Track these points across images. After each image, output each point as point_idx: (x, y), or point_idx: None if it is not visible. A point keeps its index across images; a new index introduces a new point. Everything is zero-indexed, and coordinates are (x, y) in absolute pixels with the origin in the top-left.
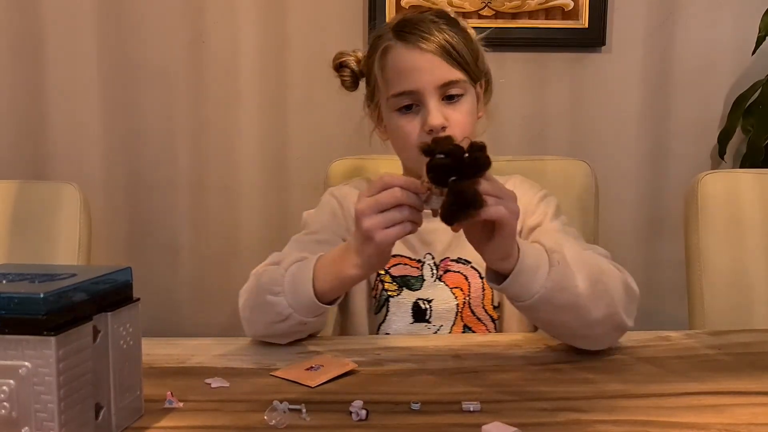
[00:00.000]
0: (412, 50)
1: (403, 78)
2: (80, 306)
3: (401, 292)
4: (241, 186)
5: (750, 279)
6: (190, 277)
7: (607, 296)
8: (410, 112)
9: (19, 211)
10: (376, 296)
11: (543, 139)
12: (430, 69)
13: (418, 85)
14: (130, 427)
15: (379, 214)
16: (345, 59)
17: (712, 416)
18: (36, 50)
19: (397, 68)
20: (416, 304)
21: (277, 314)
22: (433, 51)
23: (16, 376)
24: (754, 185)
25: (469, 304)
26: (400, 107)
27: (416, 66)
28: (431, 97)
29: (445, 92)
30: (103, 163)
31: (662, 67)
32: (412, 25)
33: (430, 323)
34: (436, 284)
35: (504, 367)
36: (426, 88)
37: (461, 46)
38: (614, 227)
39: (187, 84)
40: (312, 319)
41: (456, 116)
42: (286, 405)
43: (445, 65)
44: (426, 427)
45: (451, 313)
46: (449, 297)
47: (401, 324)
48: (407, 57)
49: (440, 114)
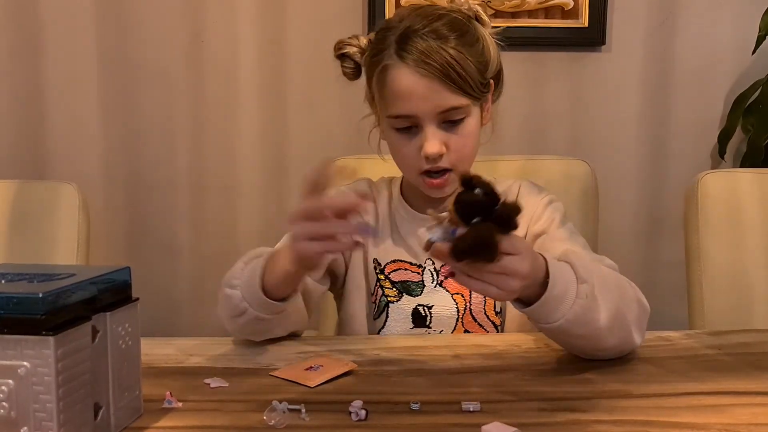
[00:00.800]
0: (412, 74)
1: (401, 102)
2: (79, 306)
3: (401, 298)
4: (240, 186)
5: (750, 279)
6: (189, 277)
7: (625, 328)
8: (409, 133)
9: (18, 210)
10: (376, 301)
11: (542, 139)
12: (429, 95)
13: (415, 111)
14: (129, 426)
15: (308, 222)
16: (346, 50)
17: (712, 416)
18: (35, 50)
19: (396, 90)
20: (416, 310)
21: (234, 307)
22: (434, 75)
23: (15, 375)
24: (754, 185)
25: (470, 311)
26: (398, 128)
27: (414, 91)
28: (429, 124)
29: (445, 117)
30: (102, 162)
31: (662, 67)
32: (414, 43)
33: (430, 329)
34: (436, 290)
35: (504, 367)
36: (425, 114)
37: (466, 65)
38: (614, 227)
39: (187, 84)
40: (268, 316)
41: (456, 140)
42: (286, 405)
43: (446, 91)
44: (426, 427)
45: (451, 320)
46: (450, 303)
47: (401, 330)
48: (406, 81)
49: (437, 142)
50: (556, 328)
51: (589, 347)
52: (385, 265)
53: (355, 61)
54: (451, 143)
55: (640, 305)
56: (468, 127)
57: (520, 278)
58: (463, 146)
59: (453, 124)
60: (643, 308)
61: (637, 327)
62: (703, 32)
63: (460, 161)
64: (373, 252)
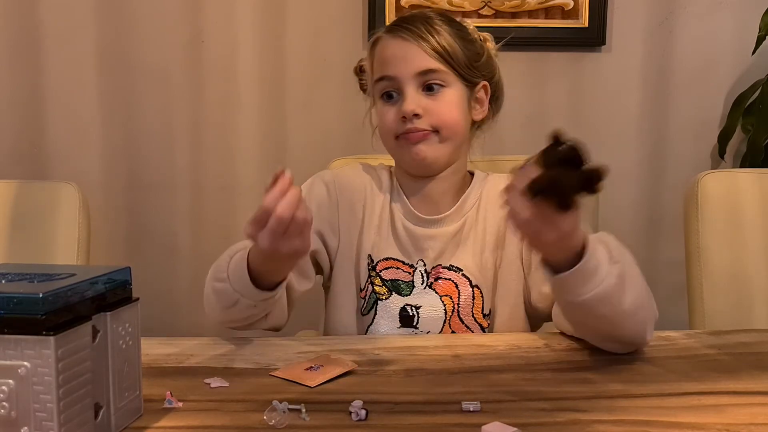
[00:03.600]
0: (394, 39)
1: (385, 65)
2: (79, 306)
3: (390, 296)
4: (239, 186)
5: (750, 279)
6: (189, 277)
7: (643, 320)
8: (392, 100)
9: (18, 211)
10: (365, 297)
11: (542, 139)
12: (409, 57)
13: (395, 72)
14: (130, 426)
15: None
16: (365, 64)
17: (712, 416)
18: (35, 50)
19: (381, 56)
20: (404, 309)
21: (227, 299)
22: (413, 41)
23: (16, 376)
24: (754, 185)
25: (458, 313)
26: (382, 94)
27: (395, 54)
28: (408, 85)
29: (424, 81)
30: (102, 163)
31: (662, 67)
32: (404, 20)
33: (417, 329)
34: (425, 291)
35: (504, 367)
36: (404, 75)
37: (449, 40)
38: (614, 227)
39: (186, 84)
40: (261, 301)
41: (433, 105)
42: (286, 405)
43: (423, 54)
44: (426, 427)
45: (438, 321)
46: (438, 305)
47: (388, 328)
48: (390, 45)
49: (414, 101)
50: (582, 302)
51: (606, 331)
52: (377, 262)
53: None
54: (430, 107)
55: (652, 306)
56: (447, 95)
57: (558, 233)
58: (442, 112)
59: (432, 90)
60: (654, 310)
61: (651, 324)
62: (703, 32)
63: (441, 125)
64: (368, 247)
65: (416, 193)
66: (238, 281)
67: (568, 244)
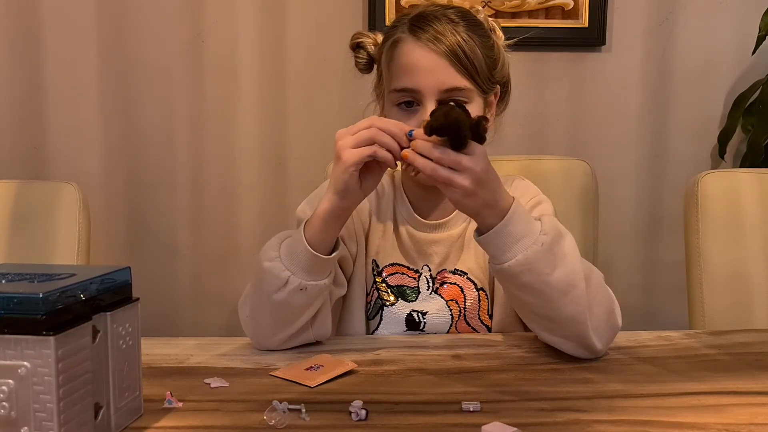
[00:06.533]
0: (421, 48)
1: (407, 75)
2: (79, 306)
3: (396, 302)
4: (240, 185)
5: (750, 279)
6: (189, 276)
7: (578, 305)
8: (409, 110)
9: (19, 210)
10: (371, 302)
11: (543, 139)
12: (435, 71)
13: (419, 85)
14: (130, 426)
15: (352, 137)
16: (363, 40)
17: (712, 416)
18: (35, 49)
19: (403, 63)
20: (410, 315)
21: (275, 278)
22: (442, 53)
23: (16, 376)
24: (754, 185)
25: (465, 316)
26: (400, 102)
27: (421, 65)
28: (431, 100)
29: (447, 97)
30: (102, 162)
31: (662, 67)
32: (427, 22)
33: (424, 333)
34: (431, 297)
35: (504, 367)
36: (427, 89)
37: (476, 52)
38: (614, 227)
39: (187, 83)
40: (311, 282)
41: None
42: (286, 405)
43: (452, 70)
44: (426, 427)
45: (445, 326)
46: (444, 310)
47: (394, 333)
48: (414, 54)
49: None
50: (506, 270)
51: (539, 307)
52: (383, 267)
53: (369, 53)
54: None
55: (610, 313)
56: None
57: (472, 177)
58: None
59: None
60: (613, 319)
61: (595, 328)
62: (703, 32)
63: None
64: (372, 252)
65: (419, 196)
66: (291, 255)
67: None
